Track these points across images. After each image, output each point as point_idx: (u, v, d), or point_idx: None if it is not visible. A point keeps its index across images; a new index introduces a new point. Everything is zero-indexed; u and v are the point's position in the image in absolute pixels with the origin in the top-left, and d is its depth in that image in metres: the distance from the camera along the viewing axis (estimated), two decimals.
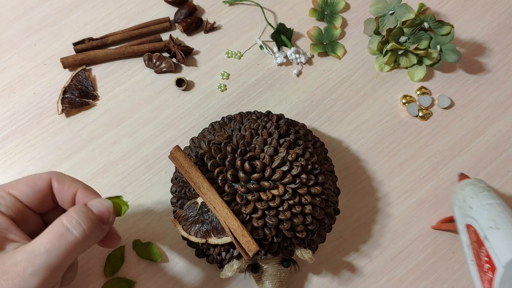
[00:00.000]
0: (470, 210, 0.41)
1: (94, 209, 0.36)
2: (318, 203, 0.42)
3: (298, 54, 0.55)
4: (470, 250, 0.41)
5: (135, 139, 0.51)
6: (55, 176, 0.38)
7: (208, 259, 0.44)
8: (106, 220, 0.37)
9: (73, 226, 0.34)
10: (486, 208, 0.40)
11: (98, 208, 0.36)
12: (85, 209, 0.36)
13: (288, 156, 0.41)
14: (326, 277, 0.47)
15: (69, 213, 0.35)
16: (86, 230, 0.34)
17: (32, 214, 0.38)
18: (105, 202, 0.37)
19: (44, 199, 0.38)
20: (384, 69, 0.55)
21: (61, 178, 0.38)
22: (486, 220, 0.39)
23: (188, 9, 0.56)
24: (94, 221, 0.35)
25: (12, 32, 0.55)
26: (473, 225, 0.40)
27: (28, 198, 0.37)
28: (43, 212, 0.40)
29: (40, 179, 0.38)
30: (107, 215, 0.37)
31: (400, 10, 0.53)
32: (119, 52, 0.54)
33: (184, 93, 0.54)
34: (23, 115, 0.52)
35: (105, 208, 0.37)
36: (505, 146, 0.52)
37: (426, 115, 0.53)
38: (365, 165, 0.51)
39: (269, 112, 0.47)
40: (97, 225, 0.36)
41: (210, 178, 0.41)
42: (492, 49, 0.56)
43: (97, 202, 0.37)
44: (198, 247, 0.44)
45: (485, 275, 0.39)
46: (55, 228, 0.34)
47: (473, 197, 0.42)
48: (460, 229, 0.43)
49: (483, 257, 0.39)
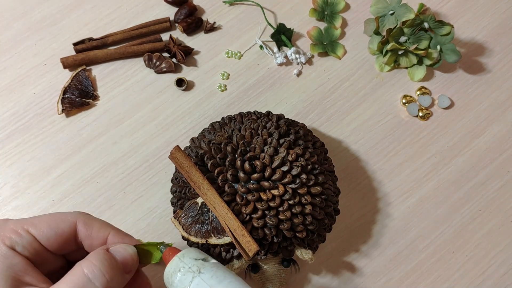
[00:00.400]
0: None
1: (117, 256, 0.33)
2: (318, 203, 0.42)
3: (298, 54, 0.55)
4: None
5: (135, 139, 0.51)
6: (82, 220, 0.35)
7: None
8: (129, 269, 0.34)
9: (95, 276, 0.31)
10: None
11: (122, 256, 0.33)
12: (108, 257, 0.32)
13: (288, 156, 0.41)
14: (326, 277, 0.47)
15: (91, 259, 0.32)
16: (109, 280, 0.32)
17: (52, 255, 0.35)
18: (129, 248, 0.34)
19: (66, 243, 0.35)
20: (384, 69, 0.55)
21: (88, 222, 0.35)
22: None
23: (188, 9, 0.56)
24: (117, 269, 0.32)
25: (12, 32, 0.55)
26: None
27: (48, 240, 0.34)
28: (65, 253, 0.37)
29: (64, 221, 0.35)
30: (131, 263, 0.34)
31: (400, 10, 0.53)
32: (119, 52, 0.54)
33: (184, 93, 0.54)
34: (23, 115, 0.52)
35: (129, 256, 0.34)
36: (505, 146, 0.52)
37: (426, 115, 0.53)
38: (365, 165, 0.51)
39: (269, 112, 0.47)
40: (120, 274, 0.33)
41: (210, 178, 0.41)
42: (492, 49, 0.56)
43: (121, 248, 0.34)
44: (198, 247, 0.44)
45: None
46: (75, 277, 0.31)
47: None
48: None
49: None
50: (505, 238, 0.49)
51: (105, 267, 0.32)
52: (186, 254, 0.35)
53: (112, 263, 0.32)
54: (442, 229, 0.49)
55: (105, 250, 0.33)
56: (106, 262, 0.32)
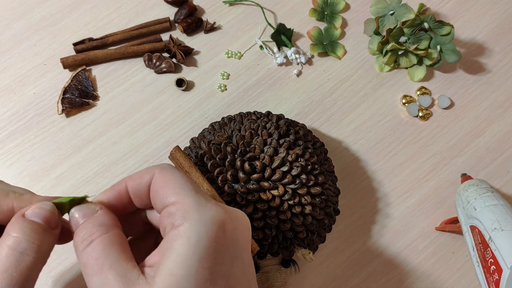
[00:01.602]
0: (474, 212, 0.41)
1: (36, 218, 0.30)
2: (318, 203, 0.42)
3: (298, 54, 0.55)
4: (475, 252, 0.41)
5: (135, 139, 0.51)
6: None
7: None
8: (54, 225, 0.31)
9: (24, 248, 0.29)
10: (490, 209, 0.40)
11: (41, 215, 0.31)
12: (26, 222, 0.30)
13: (288, 157, 0.41)
14: (326, 277, 0.47)
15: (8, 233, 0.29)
16: (40, 244, 0.29)
17: None
18: (45, 206, 0.32)
19: None
20: (384, 69, 0.55)
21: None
22: (490, 221, 0.39)
23: (188, 9, 0.56)
24: (41, 230, 0.30)
25: (12, 32, 0.55)
26: (478, 226, 0.40)
27: None
28: None
29: None
30: (53, 219, 0.31)
31: (400, 10, 0.53)
32: (119, 52, 0.54)
33: (184, 93, 0.54)
34: (23, 115, 0.52)
35: (48, 213, 0.31)
36: (505, 146, 0.52)
37: (426, 115, 0.53)
38: (365, 165, 0.51)
39: (269, 112, 0.47)
40: (47, 233, 0.30)
41: (210, 178, 0.41)
42: (492, 49, 0.56)
43: (37, 209, 0.31)
44: None
45: (491, 277, 0.39)
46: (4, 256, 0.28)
47: (476, 198, 0.42)
48: (464, 230, 0.43)
49: (488, 259, 0.39)
50: None
51: (28, 235, 0.29)
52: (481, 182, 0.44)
53: (33, 227, 0.30)
54: None
55: (22, 217, 0.30)
56: (26, 229, 0.29)
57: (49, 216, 0.31)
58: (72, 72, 0.54)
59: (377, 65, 0.55)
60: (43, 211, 0.31)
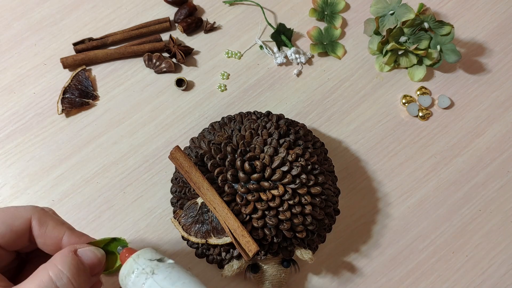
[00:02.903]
0: None
1: (85, 259, 0.31)
2: (318, 203, 0.42)
3: (298, 54, 0.55)
4: None
5: (135, 139, 0.51)
6: (36, 217, 0.33)
7: (208, 259, 0.44)
8: (95, 272, 0.32)
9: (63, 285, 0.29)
10: None
11: (90, 259, 0.32)
12: (75, 261, 0.30)
13: (288, 157, 0.41)
14: (326, 277, 0.47)
15: (55, 263, 0.30)
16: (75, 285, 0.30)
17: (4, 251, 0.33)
18: (97, 251, 0.32)
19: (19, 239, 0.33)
20: (384, 69, 0.55)
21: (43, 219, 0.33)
22: None
23: (188, 9, 0.56)
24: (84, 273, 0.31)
25: (12, 32, 0.55)
26: None
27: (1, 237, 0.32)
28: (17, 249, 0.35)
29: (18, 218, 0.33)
30: (99, 267, 0.32)
31: (400, 10, 0.53)
32: (119, 52, 0.54)
33: (184, 93, 0.54)
34: (23, 115, 0.52)
35: (97, 260, 0.32)
36: (505, 146, 0.52)
37: (426, 115, 0.53)
38: (365, 165, 0.51)
39: (269, 112, 0.47)
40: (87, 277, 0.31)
41: (210, 178, 0.41)
42: (492, 49, 0.56)
43: (89, 252, 0.32)
44: (198, 247, 0.44)
45: None
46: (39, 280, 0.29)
47: None
48: None
49: None
50: (505, 238, 0.49)
51: (72, 272, 0.30)
52: (141, 255, 0.34)
53: (79, 267, 0.31)
54: (442, 229, 0.49)
55: (73, 253, 0.31)
56: (73, 267, 0.30)
57: (97, 263, 0.32)
58: (72, 72, 0.54)
59: (377, 65, 0.55)
60: (94, 256, 0.32)
